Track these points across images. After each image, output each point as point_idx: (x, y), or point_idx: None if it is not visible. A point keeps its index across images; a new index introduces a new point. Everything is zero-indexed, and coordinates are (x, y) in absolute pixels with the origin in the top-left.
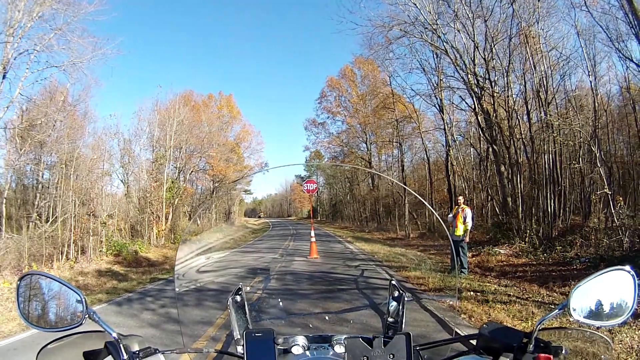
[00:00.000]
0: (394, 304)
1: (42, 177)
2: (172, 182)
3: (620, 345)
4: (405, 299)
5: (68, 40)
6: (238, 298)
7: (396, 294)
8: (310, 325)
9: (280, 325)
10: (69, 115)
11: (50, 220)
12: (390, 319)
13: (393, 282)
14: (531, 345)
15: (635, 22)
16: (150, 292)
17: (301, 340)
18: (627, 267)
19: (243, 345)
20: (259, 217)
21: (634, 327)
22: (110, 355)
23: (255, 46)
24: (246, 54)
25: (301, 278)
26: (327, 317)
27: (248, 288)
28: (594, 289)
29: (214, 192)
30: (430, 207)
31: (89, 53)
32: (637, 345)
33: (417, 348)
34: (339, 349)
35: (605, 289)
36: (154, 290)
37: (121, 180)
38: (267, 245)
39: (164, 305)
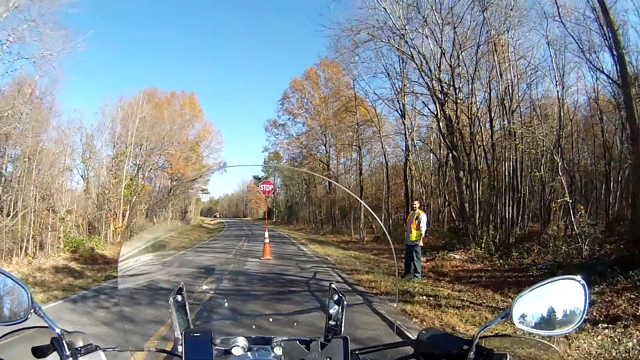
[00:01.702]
0: (335, 307)
1: (6, 170)
2: (131, 179)
3: (577, 351)
4: (345, 302)
5: (40, 32)
6: (179, 297)
7: (336, 297)
8: (261, 327)
9: (230, 325)
10: (35, 108)
11: (11, 214)
12: (331, 322)
13: (333, 285)
14: (472, 353)
15: (610, 34)
16: (105, 290)
17: (241, 341)
18: (578, 277)
19: (182, 345)
20: (215, 216)
21: (592, 333)
22: (56, 351)
23: (220, 45)
24: (210, 53)
25: (254, 279)
26: (270, 319)
27: (205, 286)
28: (541, 297)
29: (172, 191)
30: (379, 221)
31: (59, 46)
32: (595, 352)
33: (357, 352)
34: (279, 351)
35: (553, 298)
36: (108, 288)
37: (81, 176)
38: (221, 245)
39: (117, 304)
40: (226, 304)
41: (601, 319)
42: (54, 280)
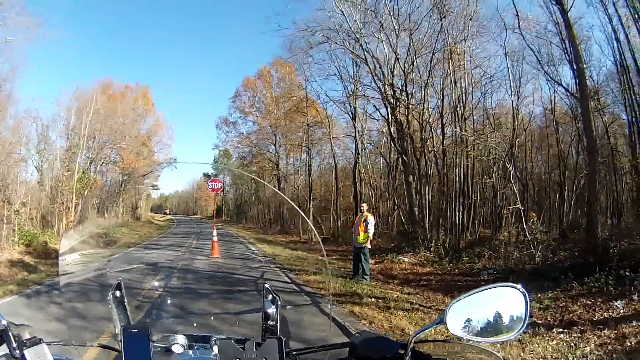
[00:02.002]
0: (271, 307)
1: None
2: (84, 172)
3: (532, 355)
4: (279, 302)
5: (5, 17)
6: (118, 293)
7: (270, 297)
8: (209, 325)
9: (176, 323)
10: None
11: None
12: (270, 322)
13: (266, 285)
14: (408, 357)
15: (572, 49)
16: (57, 285)
17: (181, 339)
18: (519, 285)
19: (121, 341)
20: (165, 213)
21: (546, 337)
22: (5, 344)
23: (173, 38)
24: (164, 45)
25: (202, 277)
26: (213, 319)
27: (155, 283)
28: (478, 303)
29: (123, 186)
30: (312, 227)
31: (22, 31)
32: (551, 356)
33: (294, 353)
34: (216, 350)
35: (492, 305)
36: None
37: (36, 167)
38: (170, 242)
39: (70, 299)
40: (171, 302)
41: (556, 323)
42: (9, 274)
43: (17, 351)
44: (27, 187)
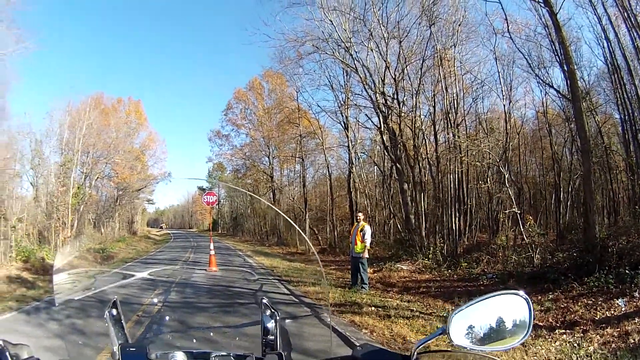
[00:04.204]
0: (270, 321)
1: None
2: (79, 187)
3: (535, 357)
4: (278, 317)
5: None
6: (114, 311)
7: (268, 312)
8: (209, 340)
9: (176, 338)
10: None
11: None
12: (270, 337)
13: (264, 300)
14: None
15: (562, 50)
16: (54, 301)
17: (180, 356)
18: (521, 292)
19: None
20: (161, 227)
21: (549, 339)
22: None
23: (164, 51)
24: (154, 59)
25: (200, 291)
26: (211, 334)
27: (154, 299)
28: (481, 312)
29: (118, 200)
30: (308, 240)
31: (12, 45)
32: (554, 357)
33: None
34: None
35: (495, 313)
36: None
37: (31, 183)
38: (168, 256)
39: (69, 316)
40: (170, 317)
41: (557, 325)
42: (7, 290)
43: None
44: (22, 202)
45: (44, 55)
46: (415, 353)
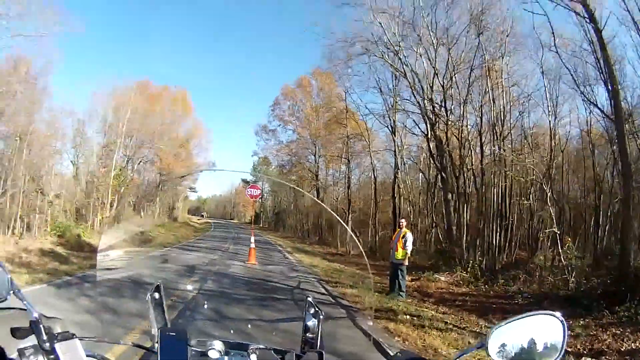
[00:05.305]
0: (312, 320)
1: None
2: (120, 170)
3: None
4: (321, 316)
5: (39, 10)
6: (157, 295)
7: (312, 310)
8: (242, 331)
9: (210, 326)
10: (29, 88)
11: (0, 192)
12: (309, 335)
13: (309, 298)
14: None
15: (606, 69)
16: (89, 278)
17: (218, 344)
18: (558, 314)
19: (158, 342)
20: (202, 216)
21: None
22: (34, 334)
23: (215, 43)
24: (205, 50)
25: (238, 283)
26: (249, 326)
27: (189, 286)
28: (518, 330)
29: (160, 186)
30: (354, 236)
31: (57, 26)
32: None
33: None
34: (254, 359)
35: (531, 332)
36: (93, 277)
37: (71, 161)
38: (207, 245)
39: (103, 294)
40: (208, 306)
41: (585, 352)
42: (39, 263)
43: (47, 344)
44: (61, 179)
45: (88, 39)
46: None
